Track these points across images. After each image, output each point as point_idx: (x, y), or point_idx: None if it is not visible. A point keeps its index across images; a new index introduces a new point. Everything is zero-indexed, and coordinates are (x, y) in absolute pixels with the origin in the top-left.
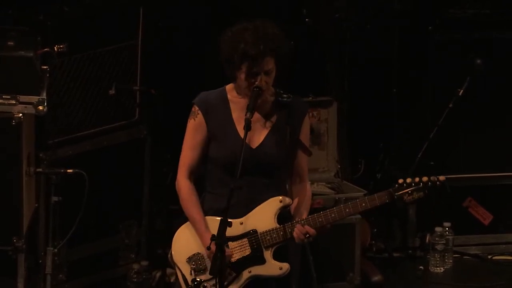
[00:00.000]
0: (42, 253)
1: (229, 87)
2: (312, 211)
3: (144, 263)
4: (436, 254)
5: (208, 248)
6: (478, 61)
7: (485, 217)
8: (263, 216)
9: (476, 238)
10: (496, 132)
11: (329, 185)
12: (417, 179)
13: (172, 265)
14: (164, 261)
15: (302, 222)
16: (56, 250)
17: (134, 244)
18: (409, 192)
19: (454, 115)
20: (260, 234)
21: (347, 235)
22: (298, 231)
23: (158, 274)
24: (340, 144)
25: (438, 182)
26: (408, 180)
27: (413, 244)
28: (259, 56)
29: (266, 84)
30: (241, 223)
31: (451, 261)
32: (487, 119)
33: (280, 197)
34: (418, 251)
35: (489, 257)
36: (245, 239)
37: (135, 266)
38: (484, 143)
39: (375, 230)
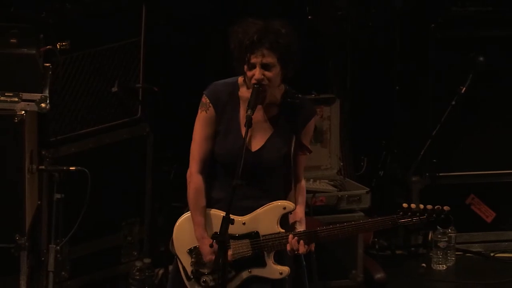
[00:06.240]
0: (45, 251)
1: (241, 80)
2: (314, 209)
3: (147, 260)
4: (438, 252)
5: (211, 246)
6: (481, 58)
7: (488, 215)
8: (266, 221)
9: (479, 236)
10: (498, 129)
11: (331, 183)
12: (421, 206)
13: (172, 252)
14: (167, 258)
15: (305, 234)
16: (58, 247)
17: (137, 242)
18: (413, 222)
19: (456, 113)
20: (262, 237)
21: None
22: (289, 247)
23: (160, 272)
24: (342, 141)
25: (442, 215)
26: (413, 206)
27: (415, 242)
28: (253, 47)
29: (267, 80)
30: (244, 223)
31: (453, 258)
32: (489, 116)
33: (284, 204)
34: (420, 249)
35: (492, 254)
36: (247, 240)
37: (138, 264)
38: (487, 140)
39: None
